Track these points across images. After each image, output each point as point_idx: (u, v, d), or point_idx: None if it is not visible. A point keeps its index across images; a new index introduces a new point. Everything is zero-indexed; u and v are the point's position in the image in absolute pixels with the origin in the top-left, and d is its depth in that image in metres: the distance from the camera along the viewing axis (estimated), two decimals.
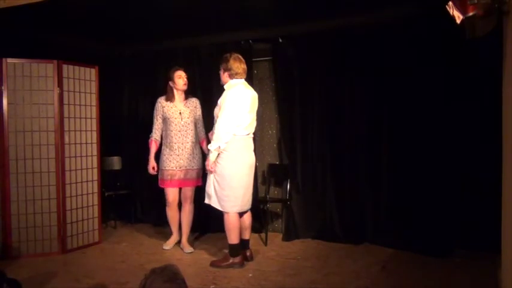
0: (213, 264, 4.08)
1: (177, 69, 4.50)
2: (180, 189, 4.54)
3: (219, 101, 4.04)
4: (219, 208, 4.03)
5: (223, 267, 4.00)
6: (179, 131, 4.44)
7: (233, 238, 4.02)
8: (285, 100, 5.08)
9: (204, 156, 4.48)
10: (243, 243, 4.22)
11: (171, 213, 4.59)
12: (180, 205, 4.61)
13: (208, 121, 5.22)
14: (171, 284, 1.63)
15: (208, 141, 4.20)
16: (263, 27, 5.00)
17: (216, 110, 4.06)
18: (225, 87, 4.07)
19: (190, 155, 4.48)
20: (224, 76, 4.05)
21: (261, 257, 4.35)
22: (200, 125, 4.60)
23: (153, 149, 4.52)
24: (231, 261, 4.01)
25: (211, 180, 4.05)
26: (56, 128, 4.42)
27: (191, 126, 4.51)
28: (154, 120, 4.53)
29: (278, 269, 4.00)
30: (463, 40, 2.65)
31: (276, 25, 4.92)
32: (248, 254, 4.21)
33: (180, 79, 4.46)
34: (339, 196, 4.78)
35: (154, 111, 4.54)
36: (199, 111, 4.59)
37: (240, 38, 5.19)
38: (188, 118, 4.48)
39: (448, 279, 3.65)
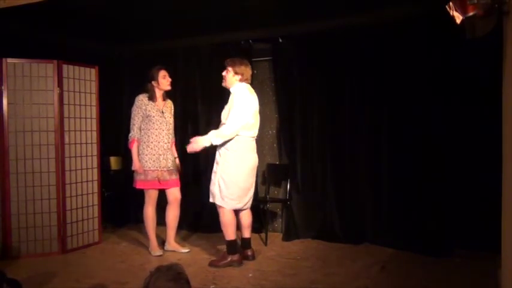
0: (211, 264, 4.08)
1: (160, 69, 4.39)
2: (161, 190, 4.48)
3: (226, 106, 4.06)
4: (222, 205, 4.02)
5: (222, 266, 4.00)
6: (163, 130, 4.38)
7: (230, 234, 4.03)
8: (285, 100, 5.09)
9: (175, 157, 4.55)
10: (244, 242, 4.23)
11: (153, 214, 4.47)
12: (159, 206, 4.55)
13: (207, 119, 5.26)
14: (174, 283, 1.64)
15: (187, 145, 4.16)
16: (263, 27, 5.00)
17: (223, 113, 4.08)
18: (231, 90, 4.07)
19: (171, 155, 4.46)
20: (233, 79, 4.04)
21: (261, 257, 4.35)
22: (172, 127, 4.54)
23: (136, 149, 4.36)
24: (229, 259, 4.02)
25: (216, 179, 4.05)
26: (56, 128, 4.42)
27: (171, 126, 4.48)
28: (135, 118, 4.37)
29: (278, 269, 4.00)
30: (463, 40, 2.65)
31: (276, 25, 4.92)
32: (250, 253, 4.22)
33: (164, 79, 4.38)
34: (339, 196, 4.79)
35: (136, 108, 4.37)
36: (173, 113, 4.55)
37: (240, 38, 5.20)
38: (170, 118, 4.47)
39: (448, 279, 3.65)
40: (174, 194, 4.48)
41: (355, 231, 4.71)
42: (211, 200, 4.12)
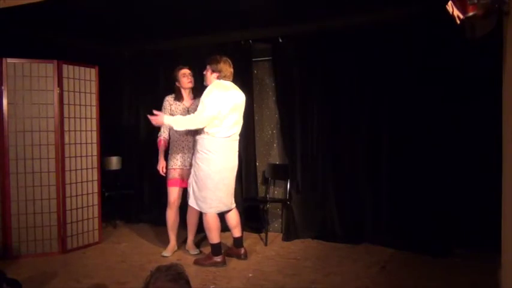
0: (196, 262, 4.11)
1: (181, 68, 4.44)
2: (185, 189, 4.44)
3: (202, 97, 3.98)
4: (197, 208, 4.06)
5: (207, 265, 4.03)
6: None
7: (213, 238, 4.04)
8: (285, 100, 5.08)
9: None
10: (236, 242, 4.25)
11: (172, 215, 4.44)
12: (182, 207, 4.50)
13: None
14: (174, 283, 1.63)
15: None
16: (263, 27, 5.00)
17: (199, 107, 3.99)
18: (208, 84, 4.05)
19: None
20: (211, 77, 4.04)
21: (261, 257, 4.35)
22: None
23: (162, 148, 4.43)
24: (213, 260, 4.04)
25: (190, 179, 4.08)
26: (56, 128, 4.42)
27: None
28: None
29: (278, 269, 4.00)
30: (463, 40, 2.65)
31: (276, 25, 4.92)
32: (242, 252, 4.22)
33: (184, 77, 4.40)
34: (339, 196, 4.79)
35: (162, 109, 4.42)
36: None
37: (240, 38, 5.19)
38: None
39: (448, 279, 3.65)
40: None
41: (355, 231, 4.71)
42: (187, 199, 4.17)
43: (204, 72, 4.11)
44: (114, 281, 3.69)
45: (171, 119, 3.98)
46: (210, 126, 3.90)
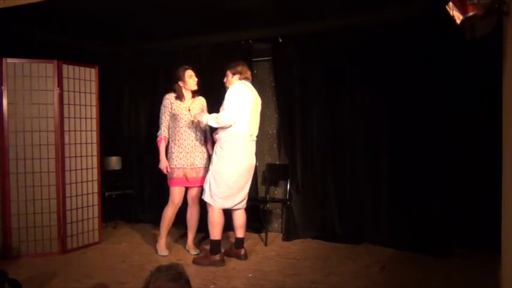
0: (195, 261, 4.11)
1: (186, 69, 4.39)
2: (186, 189, 4.43)
3: (226, 95, 4.06)
4: (211, 203, 4.04)
5: (205, 264, 4.03)
6: (189, 128, 4.35)
7: (215, 234, 4.05)
8: (285, 100, 5.09)
9: (209, 155, 4.40)
10: (237, 242, 4.26)
11: (172, 214, 4.40)
12: (181, 207, 4.48)
13: None
14: (174, 283, 1.63)
15: (213, 142, 4.23)
16: (263, 27, 5.01)
17: (220, 109, 4.08)
18: (230, 86, 4.11)
19: (200, 152, 4.39)
20: (233, 79, 4.11)
21: (261, 257, 4.35)
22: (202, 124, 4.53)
23: (163, 147, 4.38)
24: (211, 259, 4.04)
25: (208, 176, 4.09)
26: (56, 128, 4.42)
27: (199, 124, 4.41)
28: (162, 117, 4.39)
29: (278, 269, 4.00)
30: (463, 40, 2.65)
31: (276, 25, 4.92)
32: (242, 252, 4.23)
33: (191, 79, 4.37)
34: (339, 196, 4.79)
35: (162, 107, 4.39)
36: (205, 110, 4.49)
37: (240, 38, 5.19)
38: None
39: (448, 279, 3.65)
40: (193, 193, 4.43)
41: (355, 231, 4.71)
42: (203, 196, 4.16)
43: (225, 80, 4.18)
44: (114, 281, 3.68)
45: (206, 116, 4.09)
46: (235, 123, 3.96)
